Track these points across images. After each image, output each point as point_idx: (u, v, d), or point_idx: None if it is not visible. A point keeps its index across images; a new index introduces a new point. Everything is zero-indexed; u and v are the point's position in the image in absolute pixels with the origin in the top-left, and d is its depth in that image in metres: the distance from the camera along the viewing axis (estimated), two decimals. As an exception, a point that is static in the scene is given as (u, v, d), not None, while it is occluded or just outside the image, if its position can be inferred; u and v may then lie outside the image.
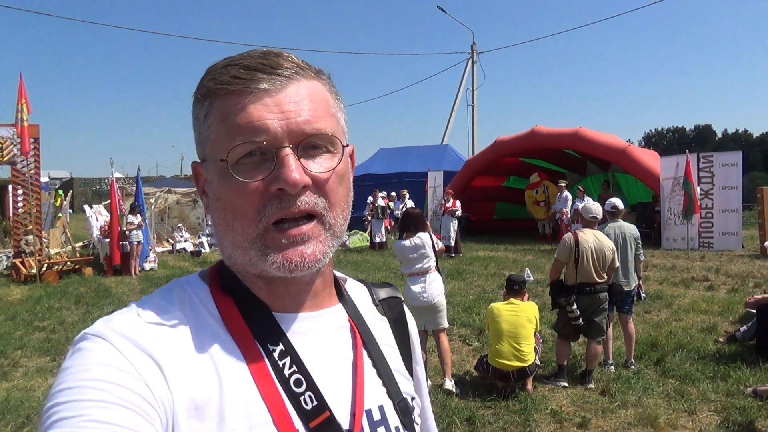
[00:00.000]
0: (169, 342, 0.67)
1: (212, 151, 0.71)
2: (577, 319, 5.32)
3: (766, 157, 77.89)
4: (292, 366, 0.71)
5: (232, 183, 0.68)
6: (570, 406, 4.93)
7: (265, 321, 0.73)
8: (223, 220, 0.71)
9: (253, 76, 0.69)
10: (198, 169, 0.77)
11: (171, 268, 14.72)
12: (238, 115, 0.68)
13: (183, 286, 0.75)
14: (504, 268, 11.96)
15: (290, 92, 0.70)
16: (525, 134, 16.74)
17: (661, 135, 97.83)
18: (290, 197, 0.68)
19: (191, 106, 0.74)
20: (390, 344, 0.87)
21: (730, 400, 4.90)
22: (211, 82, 0.70)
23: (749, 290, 8.98)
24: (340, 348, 0.79)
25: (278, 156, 0.68)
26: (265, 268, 0.70)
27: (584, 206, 5.82)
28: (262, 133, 0.67)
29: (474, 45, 25.60)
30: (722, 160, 13.61)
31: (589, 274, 5.30)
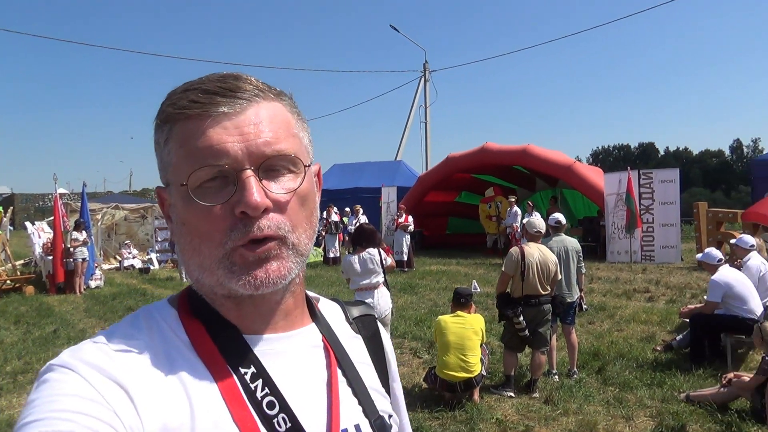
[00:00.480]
0: (137, 369, 0.66)
1: (174, 175, 0.71)
2: (523, 330, 5.47)
3: (705, 174, 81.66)
4: (264, 388, 0.70)
5: (195, 207, 0.69)
6: (515, 414, 5.06)
7: (236, 343, 0.72)
8: (189, 244, 0.71)
9: (211, 99, 0.69)
10: (162, 194, 0.77)
11: (118, 285, 14.30)
12: (197, 139, 0.68)
13: (150, 312, 0.75)
14: (455, 281, 12.13)
15: (250, 114, 0.70)
16: (476, 151, 17.09)
17: (608, 152, 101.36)
18: (253, 220, 0.68)
19: (153, 130, 0.74)
20: (365, 362, 0.86)
21: (664, 405, 5.13)
22: (170, 107, 0.70)
23: (686, 301, 9.39)
24: (314, 368, 0.78)
25: (239, 179, 0.68)
26: (231, 286, 0.70)
27: (528, 221, 6.04)
28: (222, 156, 0.67)
29: (426, 63, 26.10)
30: (661, 176, 14.24)
31: (535, 286, 5.47)
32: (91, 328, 9.17)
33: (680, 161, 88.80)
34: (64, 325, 9.38)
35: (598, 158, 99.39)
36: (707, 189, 69.26)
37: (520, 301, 5.50)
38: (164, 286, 13.84)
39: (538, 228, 5.84)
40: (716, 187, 72.05)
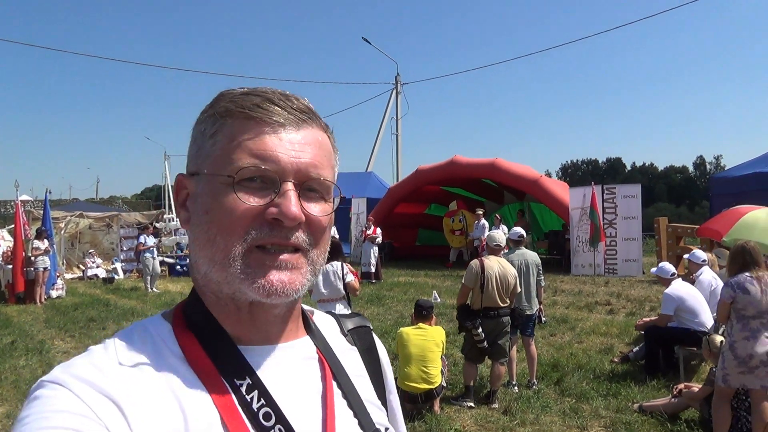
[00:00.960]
0: (130, 384, 0.65)
1: (213, 166, 0.72)
2: (482, 341, 5.56)
3: (670, 189, 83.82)
4: (260, 400, 0.70)
5: (229, 199, 0.69)
6: (473, 425, 5.14)
7: (231, 355, 0.72)
8: (206, 234, 0.71)
9: (274, 110, 0.72)
10: (184, 181, 0.77)
11: (81, 295, 14.02)
12: (253, 139, 0.70)
13: (144, 327, 0.74)
14: (423, 293, 12.21)
15: (304, 134, 0.73)
16: (445, 163, 17.30)
17: (577, 166, 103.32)
18: (283, 229, 0.70)
19: (198, 120, 0.76)
20: (361, 374, 0.86)
21: (618, 415, 5.27)
22: (231, 104, 0.72)
23: (645, 313, 9.62)
24: (309, 380, 0.78)
25: (281, 188, 0.70)
26: (242, 288, 0.70)
27: (489, 235, 6.19)
28: (272, 162, 0.70)
29: (398, 76, 26.35)
30: (624, 192, 14.61)
31: (494, 298, 5.57)
32: (50, 339, 8.98)
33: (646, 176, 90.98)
34: (22, 336, 9.16)
35: (567, 172, 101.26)
36: (672, 204, 71.11)
37: (480, 313, 5.60)
38: (128, 297, 13.61)
39: (498, 242, 5.97)
40: (681, 203, 73.98)
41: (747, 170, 13.82)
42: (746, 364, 4.35)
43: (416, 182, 18.14)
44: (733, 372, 4.40)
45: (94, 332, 9.40)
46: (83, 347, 4.62)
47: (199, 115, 0.77)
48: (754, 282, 4.36)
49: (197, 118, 0.77)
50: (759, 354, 4.32)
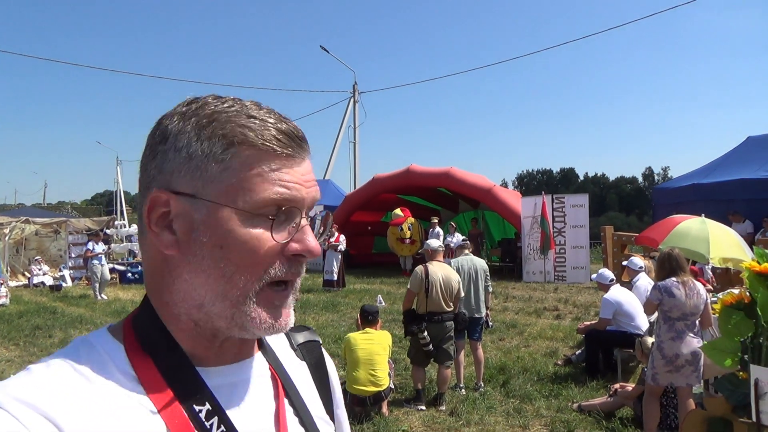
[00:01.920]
0: (75, 407, 0.60)
1: (228, 195, 0.67)
2: (427, 345, 5.73)
3: (620, 198, 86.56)
4: (220, 426, 0.68)
5: (255, 236, 0.67)
6: (421, 426, 5.29)
7: (189, 379, 0.69)
8: (220, 270, 0.67)
9: (290, 143, 0.70)
10: (167, 198, 0.69)
11: (26, 303, 13.59)
12: (276, 173, 0.68)
13: (90, 344, 0.69)
14: (377, 300, 12.35)
15: (307, 166, 0.73)
16: (401, 172, 17.54)
17: (532, 176, 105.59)
18: (300, 263, 0.70)
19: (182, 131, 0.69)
20: (311, 390, 0.85)
21: (558, 415, 5.51)
22: (248, 131, 0.68)
23: (590, 318, 9.99)
24: (263, 398, 0.77)
25: (300, 222, 0.70)
26: (248, 326, 0.68)
27: (427, 242, 6.44)
28: (295, 196, 0.69)
29: (356, 85, 26.55)
30: (572, 201, 15.13)
31: (439, 303, 5.74)
32: (-8, 348, 8.71)
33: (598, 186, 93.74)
34: (-40, 347, 8.85)
35: (523, 181, 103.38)
36: (623, 213, 73.39)
37: (425, 318, 5.77)
38: (77, 304, 13.28)
39: (434, 248, 6.21)
40: (631, 212, 76.36)
41: (686, 182, 14.54)
42: (673, 363, 4.64)
43: (373, 190, 18.31)
44: (661, 371, 4.69)
45: (40, 340, 9.17)
46: (28, 355, 4.68)
47: (172, 120, 0.70)
48: (680, 286, 4.66)
49: (178, 127, 0.69)
50: (684, 354, 4.62)
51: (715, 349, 3.86)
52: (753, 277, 3.58)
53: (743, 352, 3.70)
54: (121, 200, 38.70)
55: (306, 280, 16.17)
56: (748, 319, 3.63)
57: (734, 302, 3.67)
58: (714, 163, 14.78)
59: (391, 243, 17.62)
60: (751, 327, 3.65)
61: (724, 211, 11.80)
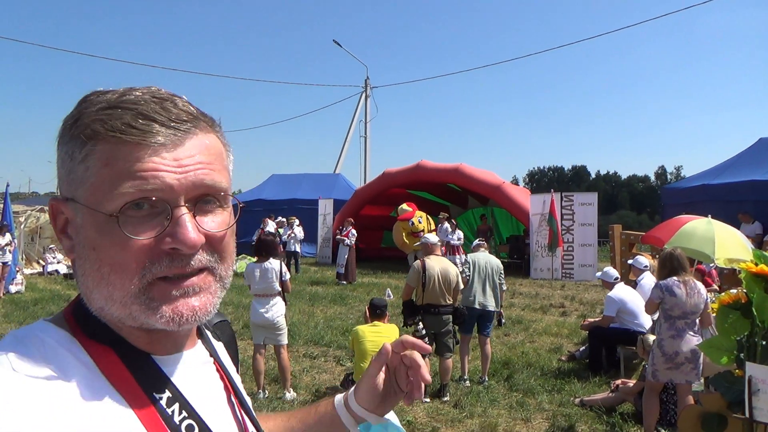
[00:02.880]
0: (42, 400, 0.58)
1: (90, 196, 0.64)
2: (423, 337, 5.79)
3: (632, 197, 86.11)
4: (182, 412, 0.68)
5: (116, 235, 0.63)
6: (425, 417, 5.43)
7: (147, 368, 0.69)
8: (97, 272, 0.65)
9: (150, 127, 0.64)
10: (59, 206, 0.69)
11: (40, 290, 13.88)
12: (130, 164, 0.63)
13: (35, 335, 0.65)
14: (385, 293, 12.50)
15: (188, 146, 0.66)
16: (411, 167, 17.63)
17: (543, 173, 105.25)
18: (183, 257, 0.65)
19: (62, 133, 0.68)
20: (233, 369, 0.88)
21: (560, 409, 5.63)
22: (99, 125, 0.64)
23: (596, 315, 10.10)
24: (212, 384, 0.78)
25: (173, 213, 0.64)
26: (149, 322, 0.65)
27: (423, 237, 6.60)
28: (156, 185, 0.63)
29: (368, 79, 26.67)
30: (581, 200, 15.18)
31: (436, 296, 5.91)
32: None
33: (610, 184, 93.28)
34: (-20, 330, 9.10)
35: (534, 178, 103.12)
36: (634, 212, 73.02)
37: (421, 310, 5.95)
38: (90, 293, 13.52)
39: (432, 242, 6.38)
40: (642, 210, 75.94)
41: (695, 182, 14.53)
42: (672, 361, 4.74)
43: (382, 185, 18.44)
44: (661, 368, 4.79)
45: (55, 327, 9.39)
46: None
47: (61, 125, 0.68)
48: (681, 285, 4.75)
49: (60, 129, 0.68)
50: (684, 351, 4.72)
51: (712, 347, 3.96)
52: (750, 278, 3.68)
53: (739, 351, 3.81)
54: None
55: (315, 272, 16.36)
56: (744, 318, 3.73)
57: (731, 302, 3.77)
58: (725, 164, 14.75)
59: (398, 239, 17.39)
60: (747, 326, 3.75)
61: (733, 212, 11.81)
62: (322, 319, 9.93)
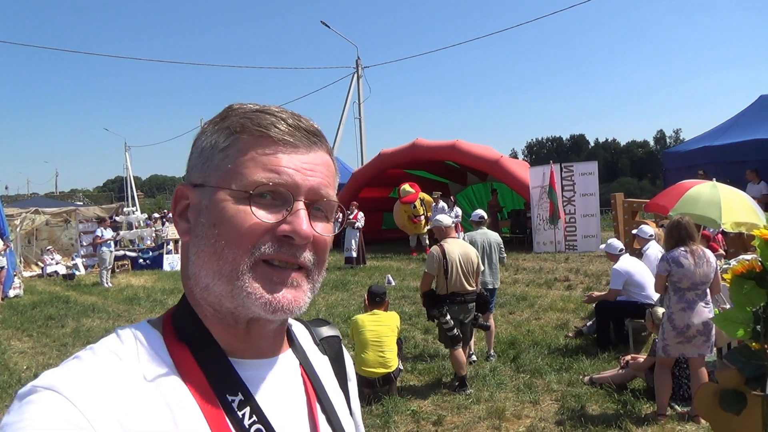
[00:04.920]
0: (125, 393, 0.64)
1: (224, 179, 0.72)
2: (452, 329, 5.41)
3: (633, 164, 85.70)
4: (252, 416, 0.70)
5: (240, 212, 0.70)
6: (431, 405, 5.27)
7: (223, 369, 0.72)
8: (212, 247, 0.71)
9: (290, 131, 0.73)
10: (186, 191, 0.76)
11: (40, 293, 13.73)
12: (270, 157, 0.71)
13: (132, 334, 0.72)
14: (385, 279, 12.33)
15: (315, 157, 0.75)
16: (407, 147, 17.35)
17: (542, 144, 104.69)
18: (292, 247, 0.71)
19: (204, 131, 0.77)
20: (333, 385, 0.88)
21: (569, 388, 5.46)
22: (247, 121, 0.73)
23: (602, 287, 9.91)
24: (295, 395, 0.79)
25: (294, 206, 0.71)
26: (247, 302, 0.70)
27: (435, 219, 6.05)
28: (286, 179, 0.71)
29: (359, 59, 26.17)
30: (581, 169, 14.90)
31: (460, 283, 5.50)
32: (6, 339, 8.80)
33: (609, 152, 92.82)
34: (-23, 338, 8.95)
35: (533, 150, 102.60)
36: (635, 178, 72.72)
37: (446, 300, 5.51)
38: (90, 293, 13.39)
39: (445, 224, 5.87)
40: (643, 176, 75.64)
41: (696, 144, 14.25)
42: (684, 334, 4.55)
43: (379, 166, 18.17)
44: (672, 342, 4.60)
45: (53, 330, 9.25)
46: (41, 346, 4.64)
47: (204, 125, 0.78)
48: (688, 255, 4.54)
49: (202, 128, 0.78)
50: (695, 324, 4.52)
51: (726, 319, 3.76)
52: (764, 245, 3.46)
53: (755, 323, 3.61)
54: (131, 186, 38.87)
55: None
56: (759, 288, 3.52)
57: (745, 271, 3.57)
58: (726, 124, 14.46)
59: (400, 221, 17.10)
60: (763, 296, 3.54)
61: (737, 173, 11.55)
62: (323, 307, 9.78)
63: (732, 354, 3.69)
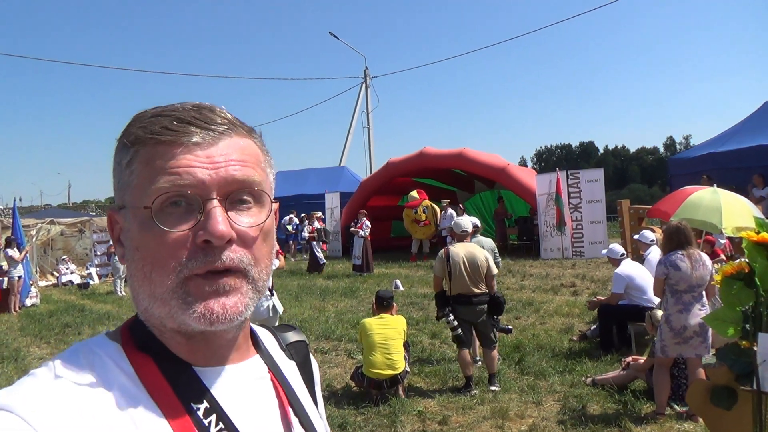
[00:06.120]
0: (82, 407, 0.62)
1: (133, 197, 0.68)
2: (455, 329, 5.61)
3: (643, 170, 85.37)
4: (219, 423, 0.68)
5: (155, 232, 0.66)
6: (436, 406, 5.42)
7: (186, 378, 0.70)
8: (141, 271, 0.68)
9: (185, 129, 0.68)
10: (114, 216, 0.73)
11: (55, 302, 14.02)
12: (166, 162, 0.67)
13: (90, 347, 0.70)
14: (393, 285, 12.49)
15: (222, 146, 0.69)
16: (414, 155, 17.56)
17: (551, 151, 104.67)
18: (215, 250, 0.67)
19: (113, 151, 0.72)
20: (302, 389, 0.87)
21: (571, 390, 5.59)
22: (140, 130, 0.68)
23: (607, 293, 10.01)
24: (265, 400, 0.77)
25: (205, 207, 0.66)
26: (184, 319, 0.67)
27: (455, 222, 6.25)
28: (189, 182, 0.66)
29: (367, 69, 26.53)
30: (587, 176, 15.03)
31: (464, 284, 5.64)
32: (25, 347, 9.06)
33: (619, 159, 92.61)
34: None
35: (542, 158, 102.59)
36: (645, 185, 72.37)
37: (450, 301, 5.70)
38: (104, 301, 13.67)
39: (464, 228, 6.06)
40: (653, 183, 75.28)
41: (702, 151, 14.34)
42: (681, 335, 4.69)
43: (387, 175, 18.39)
44: (669, 343, 4.75)
45: (70, 338, 9.50)
46: (59, 353, 4.95)
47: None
48: (685, 259, 4.69)
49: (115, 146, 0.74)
50: (692, 325, 4.67)
51: (717, 319, 3.90)
52: (751, 247, 3.61)
53: (745, 322, 3.75)
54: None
55: (326, 267, 16.36)
56: (748, 288, 3.67)
57: (734, 272, 3.71)
58: (731, 130, 14.53)
59: (406, 223, 17.59)
60: (752, 296, 3.69)
61: (742, 179, 11.64)
62: (333, 313, 9.95)
63: (723, 352, 3.85)
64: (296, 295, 12.08)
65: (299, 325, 8.89)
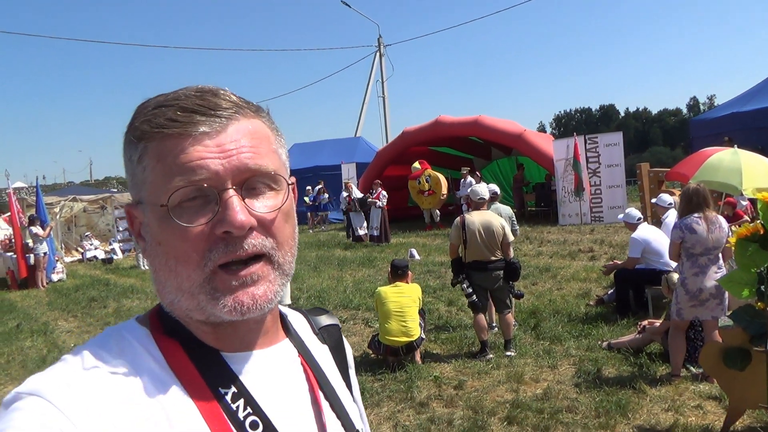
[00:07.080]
0: (111, 393, 0.62)
1: (149, 194, 0.68)
2: (470, 295, 5.72)
3: (665, 133, 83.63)
4: (246, 408, 0.69)
5: (174, 227, 0.66)
6: (452, 372, 5.50)
7: (215, 363, 0.71)
8: (165, 265, 0.68)
9: (191, 118, 0.67)
10: (132, 211, 0.73)
11: (81, 277, 14.39)
12: (177, 157, 0.66)
13: (120, 333, 0.71)
14: (408, 253, 12.55)
15: (230, 132, 0.68)
16: (430, 124, 17.43)
17: (570, 116, 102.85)
18: (236, 240, 0.66)
19: (122, 145, 0.72)
20: (334, 373, 0.86)
21: (587, 353, 5.63)
22: (146, 125, 0.67)
23: (625, 257, 9.95)
24: (294, 385, 0.77)
25: (221, 198, 0.66)
26: (214, 312, 0.67)
27: (471, 190, 6.26)
28: (203, 174, 0.66)
29: (380, 38, 26.18)
30: (606, 140, 14.80)
31: (479, 251, 5.70)
32: (54, 320, 9.35)
33: (640, 121, 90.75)
34: (26, 319, 9.54)
35: (561, 122, 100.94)
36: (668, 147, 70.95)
37: (467, 267, 5.78)
38: (128, 275, 13.98)
39: (481, 195, 6.06)
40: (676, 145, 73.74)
41: (724, 111, 14.02)
42: (697, 298, 4.67)
43: (403, 144, 18.30)
44: (685, 306, 4.73)
45: (96, 311, 9.77)
46: (86, 326, 5.13)
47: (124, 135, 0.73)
48: (701, 221, 4.64)
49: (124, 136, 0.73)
50: (708, 288, 4.64)
51: (732, 281, 3.88)
52: (766, 209, 3.56)
53: (759, 283, 3.72)
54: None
55: (344, 237, 16.47)
56: (762, 250, 3.62)
57: (749, 234, 3.67)
58: (755, 88, 14.16)
59: (413, 196, 17.68)
60: (766, 258, 3.65)
61: (766, 139, 11.38)
62: (351, 283, 10.06)
63: (737, 313, 3.84)
64: (315, 266, 12.21)
65: (317, 295, 9.04)
